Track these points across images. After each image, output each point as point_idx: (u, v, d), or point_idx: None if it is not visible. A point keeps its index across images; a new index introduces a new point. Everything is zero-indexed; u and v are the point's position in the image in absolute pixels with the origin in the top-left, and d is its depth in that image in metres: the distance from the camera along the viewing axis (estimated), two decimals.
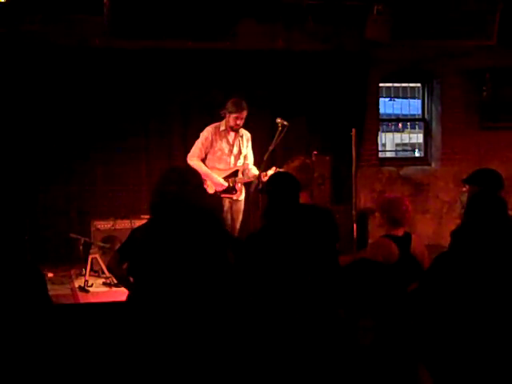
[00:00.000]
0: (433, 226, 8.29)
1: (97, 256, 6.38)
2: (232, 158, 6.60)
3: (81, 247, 6.45)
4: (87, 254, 6.39)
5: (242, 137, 6.59)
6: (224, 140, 6.56)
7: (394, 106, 8.98)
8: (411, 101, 9.05)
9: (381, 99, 8.61)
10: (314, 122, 7.98)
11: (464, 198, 4.14)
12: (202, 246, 3.34)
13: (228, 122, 6.47)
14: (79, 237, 6.51)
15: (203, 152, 6.56)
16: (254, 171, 6.54)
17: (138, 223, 5.63)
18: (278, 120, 6.41)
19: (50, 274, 6.53)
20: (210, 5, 7.07)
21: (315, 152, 6.88)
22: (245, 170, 6.63)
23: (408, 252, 4.27)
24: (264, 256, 3.78)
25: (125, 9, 6.84)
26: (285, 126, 6.32)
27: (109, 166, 7.51)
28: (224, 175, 6.54)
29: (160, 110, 7.58)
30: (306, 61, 7.83)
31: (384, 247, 4.21)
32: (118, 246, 5.52)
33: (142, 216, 6.51)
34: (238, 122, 6.41)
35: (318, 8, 7.44)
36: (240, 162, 6.65)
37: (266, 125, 7.40)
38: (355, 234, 6.33)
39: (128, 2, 6.83)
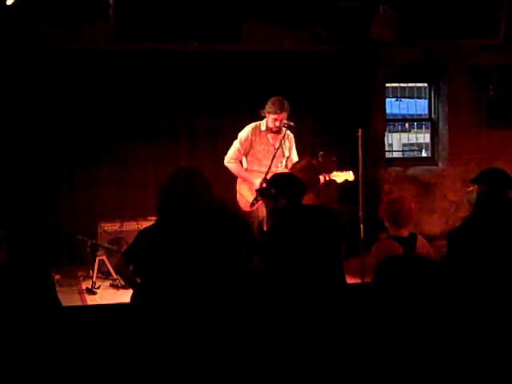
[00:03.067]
0: (440, 226, 8.27)
1: (104, 258, 6.40)
2: (274, 161, 6.12)
3: (88, 249, 6.47)
4: (94, 255, 6.41)
5: (284, 137, 6.22)
6: (264, 140, 6.20)
7: (401, 106, 8.97)
8: (418, 101, 9.04)
9: (387, 99, 8.60)
10: (321, 122, 7.97)
11: (470, 198, 4.12)
12: (210, 248, 3.34)
13: (267, 122, 6.16)
14: (86, 239, 6.53)
15: (242, 153, 6.19)
16: None
17: (145, 225, 5.64)
18: (285, 121, 6.35)
19: (58, 276, 6.55)
20: (216, 6, 7.08)
21: (321, 152, 6.86)
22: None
23: (413, 253, 4.24)
24: (271, 257, 3.79)
25: (131, 11, 6.86)
26: (291, 126, 6.27)
27: (115, 167, 7.52)
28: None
29: (165, 111, 7.59)
30: (312, 61, 7.83)
31: (387, 248, 4.18)
32: (125, 247, 5.56)
33: (149, 217, 6.52)
34: (278, 123, 6.07)
35: (324, 8, 7.43)
36: (282, 165, 6.27)
37: None
38: (362, 234, 6.31)
39: (134, 5, 6.85)
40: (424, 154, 9.16)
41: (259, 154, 6.21)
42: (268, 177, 6.05)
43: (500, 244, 3.23)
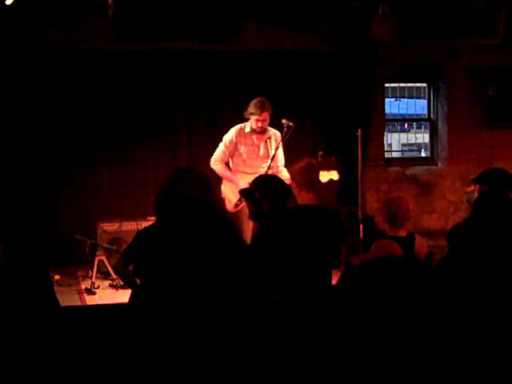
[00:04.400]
0: (439, 226, 8.26)
1: (103, 258, 6.39)
2: (259, 161, 6.28)
3: (87, 249, 6.47)
4: (94, 255, 6.41)
5: (269, 138, 6.29)
6: (249, 142, 6.27)
7: (400, 106, 8.97)
8: (417, 101, 9.04)
9: (386, 99, 8.60)
10: (320, 122, 7.98)
11: (470, 198, 4.13)
12: (209, 248, 3.34)
13: (251, 123, 6.23)
14: (85, 239, 6.53)
15: (227, 155, 6.29)
16: (285, 174, 6.11)
17: (144, 225, 5.63)
18: (284, 121, 6.33)
19: (57, 276, 6.55)
20: (215, 6, 7.08)
21: (321, 152, 6.86)
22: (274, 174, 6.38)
23: (411, 253, 4.25)
24: (266, 258, 3.79)
25: (130, 11, 6.86)
26: (290, 126, 6.26)
27: (115, 167, 7.52)
28: (249, 179, 6.18)
29: (165, 110, 7.58)
30: (311, 61, 7.83)
31: (386, 248, 4.17)
32: (124, 247, 5.55)
33: (148, 217, 6.52)
34: (260, 124, 6.13)
35: (324, 8, 7.43)
36: (266, 165, 6.29)
37: (271, 126, 7.39)
38: (361, 234, 6.31)
39: (133, 4, 6.85)
40: (423, 154, 9.16)
41: (244, 155, 6.29)
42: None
43: (500, 244, 3.23)
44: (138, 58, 7.37)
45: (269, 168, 6.29)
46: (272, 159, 6.28)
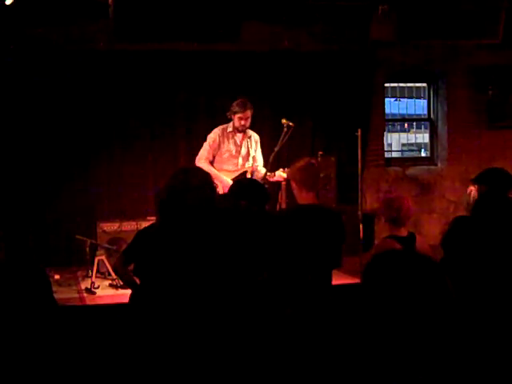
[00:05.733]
0: (439, 226, 8.26)
1: (103, 258, 6.39)
2: (240, 159, 6.58)
3: (87, 249, 6.47)
4: (93, 255, 6.41)
5: (250, 138, 6.59)
6: (231, 141, 6.55)
7: (400, 106, 8.97)
8: (417, 101, 9.04)
9: (386, 99, 8.60)
10: (320, 122, 7.98)
11: (468, 198, 4.12)
12: (210, 248, 3.34)
13: (234, 123, 6.46)
14: (85, 239, 6.53)
15: (211, 154, 6.55)
16: (262, 171, 6.54)
17: (144, 225, 5.64)
18: (284, 121, 6.39)
19: (57, 276, 6.56)
20: (215, 6, 7.09)
21: (321, 152, 6.87)
22: (254, 172, 6.60)
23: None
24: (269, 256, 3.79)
25: (130, 11, 6.87)
26: (290, 126, 6.31)
27: (115, 167, 7.52)
28: (232, 176, 6.44)
29: (165, 111, 7.59)
30: (311, 61, 7.83)
31: (388, 248, 4.17)
32: (124, 247, 5.55)
33: (148, 217, 6.52)
34: (243, 122, 6.38)
35: (323, 8, 7.43)
36: (249, 164, 6.63)
37: (271, 126, 7.41)
38: (361, 234, 6.31)
39: (133, 5, 6.85)
40: (423, 154, 9.16)
41: (227, 153, 6.57)
42: (236, 176, 6.42)
43: (500, 245, 3.23)
44: (138, 59, 7.36)
45: (251, 167, 6.61)
46: (253, 159, 6.62)
